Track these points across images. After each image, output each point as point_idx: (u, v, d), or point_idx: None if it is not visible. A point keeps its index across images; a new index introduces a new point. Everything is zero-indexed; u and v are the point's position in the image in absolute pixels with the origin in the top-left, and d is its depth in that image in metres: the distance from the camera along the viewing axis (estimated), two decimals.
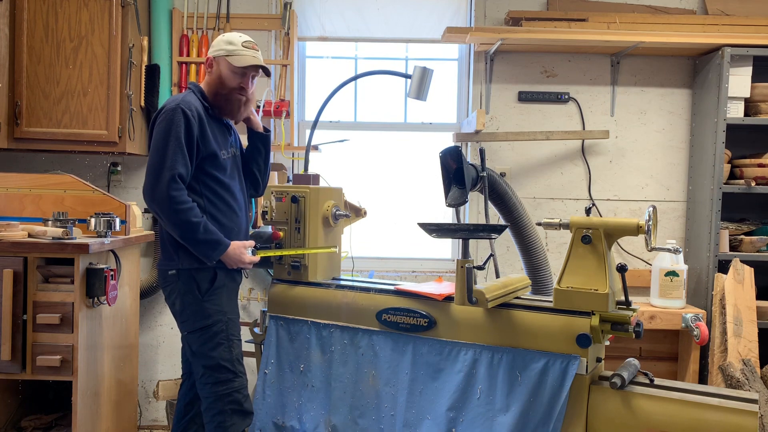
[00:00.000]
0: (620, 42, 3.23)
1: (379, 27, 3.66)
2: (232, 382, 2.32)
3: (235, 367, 2.33)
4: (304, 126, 3.69)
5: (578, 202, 3.54)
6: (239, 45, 2.36)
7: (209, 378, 2.31)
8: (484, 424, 2.08)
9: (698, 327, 3.02)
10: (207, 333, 2.31)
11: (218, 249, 2.28)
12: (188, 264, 2.30)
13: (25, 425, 2.90)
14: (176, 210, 2.21)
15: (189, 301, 2.31)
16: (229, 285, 2.39)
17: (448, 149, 2.46)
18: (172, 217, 2.22)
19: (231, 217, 2.40)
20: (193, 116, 2.28)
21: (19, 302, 2.49)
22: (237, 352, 2.36)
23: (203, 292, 2.31)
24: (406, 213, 3.71)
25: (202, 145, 2.31)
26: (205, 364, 2.31)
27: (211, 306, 2.31)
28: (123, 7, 3.07)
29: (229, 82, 2.36)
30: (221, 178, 2.37)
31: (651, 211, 2.00)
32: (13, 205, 2.79)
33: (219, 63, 2.37)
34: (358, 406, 2.32)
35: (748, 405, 1.87)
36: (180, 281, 2.32)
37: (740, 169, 3.25)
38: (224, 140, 2.43)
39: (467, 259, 2.15)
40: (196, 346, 2.33)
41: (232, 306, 2.40)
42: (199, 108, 2.33)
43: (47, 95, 3.05)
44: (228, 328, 2.34)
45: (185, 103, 2.29)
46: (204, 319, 2.30)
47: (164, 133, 2.24)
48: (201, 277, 2.31)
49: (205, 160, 2.33)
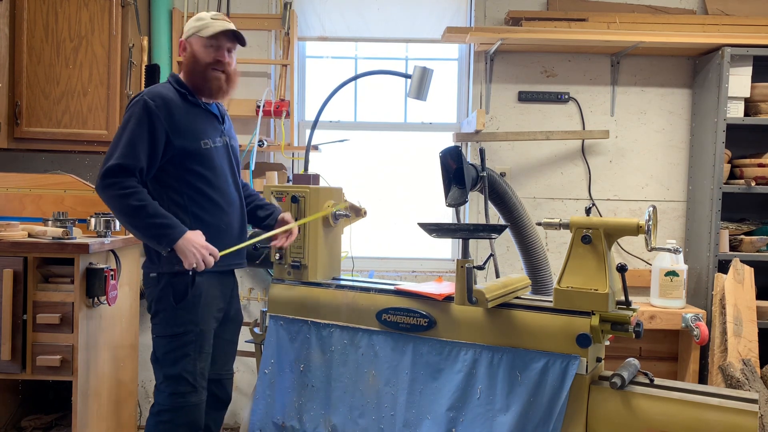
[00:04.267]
0: (620, 42, 3.23)
1: (379, 27, 3.66)
2: (190, 396, 2.21)
3: (197, 381, 2.23)
4: (304, 126, 3.69)
5: (578, 202, 3.54)
6: (208, 18, 2.26)
7: (167, 387, 2.21)
8: (484, 424, 2.08)
9: (698, 327, 3.02)
10: (175, 342, 2.20)
11: (168, 234, 2.09)
12: (168, 268, 2.18)
13: (25, 425, 2.90)
14: (116, 196, 2.08)
15: (162, 307, 2.21)
16: (208, 295, 2.26)
17: (448, 149, 2.46)
18: (115, 204, 2.10)
19: (217, 214, 2.27)
20: (158, 107, 2.15)
21: (19, 302, 2.49)
22: (202, 366, 2.25)
23: (178, 299, 2.19)
24: (406, 213, 3.71)
25: (173, 137, 2.17)
26: (167, 373, 2.21)
27: (184, 315, 2.20)
28: (123, 7, 3.07)
29: (204, 58, 2.25)
30: (203, 173, 2.23)
31: (651, 211, 2.00)
32: (13, 205, 2.80)
33: (191, 43, 2.28)
34: (358, 406, 2.32)
35: (748, 405, 1.87)
36: (158, 285, 2.21)
37: (740, 169, 3.25)
38: (211, 128, 2.30)
39: (467, 259, 2.15)
40: (161, 353, 2.22)
41: (207, 317, 2.26)
42: (170, 97, 2.20)
43: (47, 95, 3.05)
44: (198, 339, 2.22)
45: (151, 94, 2.17)
46: (174, 327, 2.20)
47: (121, 128, 2.15)
48: (178, 283, 2.19)
49: (183, 154, 2.20)
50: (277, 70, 3.52)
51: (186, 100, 2.25)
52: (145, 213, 2.08)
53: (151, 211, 2.09)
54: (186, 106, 2.24)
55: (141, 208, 2.08)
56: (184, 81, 2.29)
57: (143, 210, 2.08)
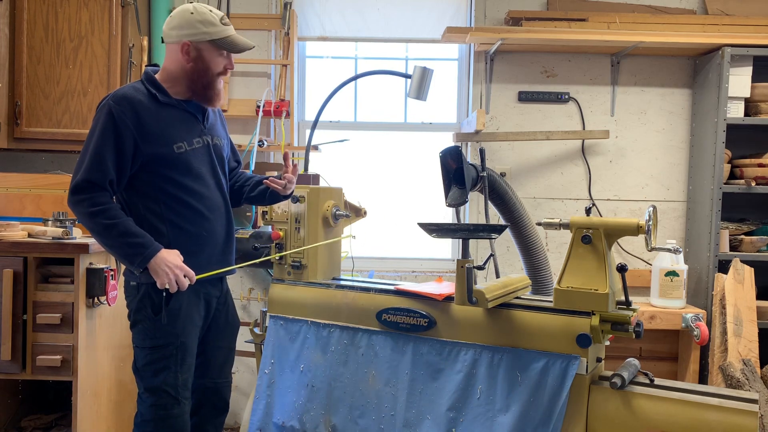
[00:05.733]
0: (620, 42, 3.23)
1: (379, 27, 3.66)
2: (173, 408, 2.13)
3: (179, 393, 2.14)
4: (304, 126, 3.69)
5: (578, 202, 3.54)
6: (219, 24, 2.09)
7: (149, 399, 2.14)
8: (484, 424, 2.08)
9: (698, 327, 3.02)
10: (155, 354, 2.12)
11: (140, 253, 1.99)
12: (146, 279, 2.07)
13: (25, 425, 2.90)
14: (85, 214, 1.98)
15: (141, 318, 2.12)
16: (189, 305, 2.15)
17: (448, 149, 2.46)
18: (85, 221, 2.00)
19: (197, 221, 2.14)
20: (123, 112, 2.01)
21: (19, 302, 2.49)
22: (185, 377, 2.16)
23: (156, 311, 2.10)
24: (406, 213, 3.71)
25: (142, 144, 2.03)
26: (147, 385, 2.13)
27: (164, 327, 2.10)
28: (123, 7, 3.07)
29: (216, 68, 2.12)
30: (178, 179, 2.09)
31: (651, 211, 2.00)
32: (13, 205, 2.79)
33: (201, 49, 2.09)
34: (358, 406, 2.32)
35: (748, 405, 1.87)
36: (137, 295, 2.12)
37: (740, 169, 3.25)
38: (185, 130, 2.13)
39: (467, 259, 2.15)
40: (140, 363, 2.14)
41: (189, 329, 2.16)
42: (138, 99, 2.05)
43: (47, 95, 3.05)
44: (179, 352, 2.13)
45: (116, 98, 2.03)
46: (154, 339, 2.11)
47: (88, 138, 2.03)
48: (156, 293, 2.09)
49: (154, 161, 2.07)
50: (277, 70, 3.52)
51: (156, 100, 2.10)
52: (116, 232, 1.99)
53: (122, 229, 1.99)
54: (156, 107, 2.09)
55: (111, 226, 1.99)
56: (160, 80, 2.14)
57: (114, 228, 1.99)
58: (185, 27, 2.09)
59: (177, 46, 2.11)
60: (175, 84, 2.15)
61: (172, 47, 2.13)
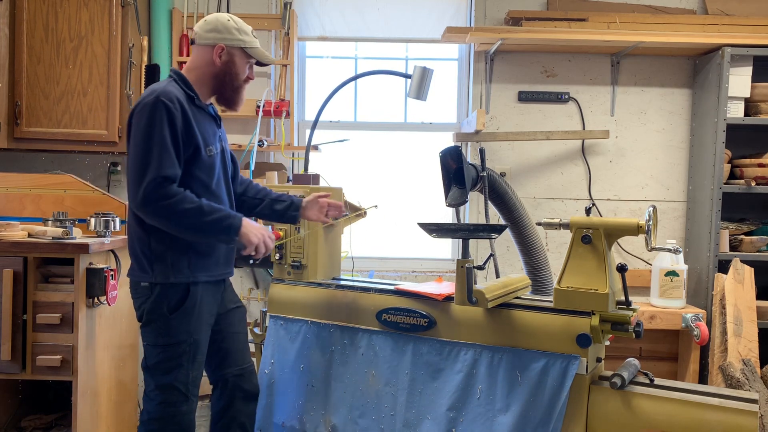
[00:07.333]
0: (620, 42, 3.23)
1: (379, 27, 3.66)
2: (181, 405, 2.15)
3: (188, 390, 2.16)
4: (304, 126, 3.69)
5: (578, 202, 3.54)
6: (250, 35, 2.20)
7: (158, 396, 2.16)
8: (484, 424, 2.08)
9: (698, 327, 3.02)
10: (168, 352, 2.13)
11: (232, 224, 2.05)
12: (162, 278, 2.10)
13: (25, 425, 2.90)
14: (169, 206, 1.98)
15: (155, 317, 2.13)
16: (203, 304, 2.18)
17: (448, 149, 2.46)
18: (169, 214, 2.00)
19: None
20: (175, 108, 2.04)
21: (19, 302, 2.49)
22: (195, 375, 2.18)
23: (171, 309, 2.11)
24: (406, 213, 3.71)
25: (185, 144, 2.07)
26: (159, 382, 2.15)
27: (177, 325, 2.12)
28: (123, 7, 3.07)
29: (243, 74, 2.20)
30: (205, 181, 2.14)
31: (651, 211, 2.00)
32: (13, 205, 2.79)
33: (233, 54, 2.17)
34: (358, 406, 2.32)
35: (748, 405, 1.87)
36: (151, 295, 2.12)
37: (740, 169, 3.25)
38: (212, 133, 2.19)
39: (467, 259, 2.15)
40: (152, 361, 2.16)
41: (201, 326, 2.18)
42: (181, 98, 2.09)
43: (47, 95, 3.05)
44: (192, 349, 2.15)
45: (165, 95, 2.04)
46: (168, 337, 2.13)
47: (144, 133, 2.02)
48: (172, 293, 2.12)
49: (191, 161, 2.10)
50: (277, 70, 3.52)
51: (193, 102, 2.15)
52: (203, 212, 2.01)
53: (207, 207, 2.02)
54: (192, 109, 2.13)
55: (199, 208, 2.01)
56: (192, 83, 2.18)
57: (201, 209, 2.01)
58: (222, 31, 2.16)
59: (210, 49, 2.17)
60: (201, 87, 2.20)
61: (205, 49, 2.18)
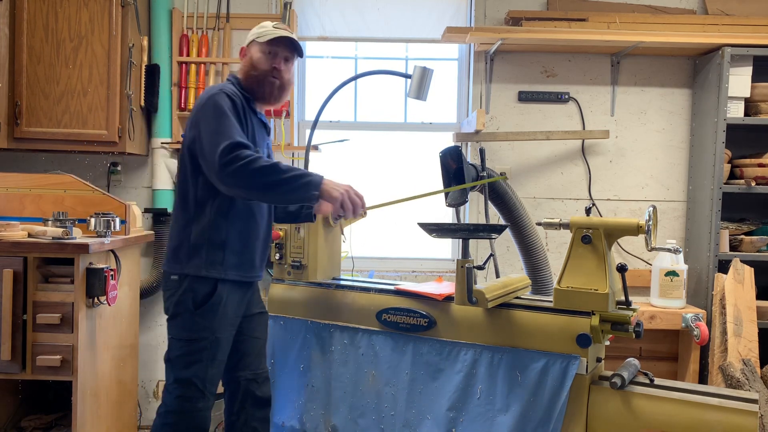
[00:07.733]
0: (620, 42, 3.23)
1: (379, 27, 3.66)
2: (198, 402, 2.18)
3: (206, 387, 2.19)
4: (304, 126, 3.69)
5: (578, 202, 3.54)
6: (269, 27, 2.27)
7: (177, 390, 2.19)
8: (484, 424, 2.08)
9: (698, 327, 3.02)
10: (190, 346, 2.17)
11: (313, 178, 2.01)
12: (193, 271, 2.15)
13: (25, 425, 2.90)
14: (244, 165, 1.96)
15: (181, 310, 2.17)
16: (228, 303, 2.20)
17: (448, 149, 2.46)
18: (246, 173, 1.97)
19: (250, 224, 2.23)
20: (238, 99, 2.16)
21: (19, 302, 2.49)
22: (213, 372, 2.21)
23: (197, 304, 2.15)
24: (406, 213, 3.71)
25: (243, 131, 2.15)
26: (178, 376, 2.18)
27: (201, 321, 2.16)
28: (123, 7, 3.07)
29: (261, 65, 2.24)
30: None
31: (651, 211, 2.00)
32: (13, 205, 2.79)
33: (250, 48, 2.28)
34: (358, 406, 2.32)
35: (748, 405, 1.87)
36: (180, 288, 2.17)
37: (740, 169, 3.25)
38: (261, 138, 2.28)
39: (467, 259, 2.15)
40: (174, 354, 2.20)
41: (225, 325, 2.21)
42: (240, 97, 2.20)
43: (47, 95, 3.05)
44: (212, 347, 2.18)
45: (227, 89, 2.16)
46: (190, 332, 2.17)
47: (213, 113, 2.07)
48: (199, 288, 2.16)
49: None
50: None
51: (249, 105, 2.23)
52: (280, 169, 1.98)
53: (284, 166, 2.00)
54: (248, 111, 2.21)
55: (274, 165, 1.99)
56: (243, 84, 2.27)
57: (276, 166, 1.99)
58: (248, 38, 2.30)
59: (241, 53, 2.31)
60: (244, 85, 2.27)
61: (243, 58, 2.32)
